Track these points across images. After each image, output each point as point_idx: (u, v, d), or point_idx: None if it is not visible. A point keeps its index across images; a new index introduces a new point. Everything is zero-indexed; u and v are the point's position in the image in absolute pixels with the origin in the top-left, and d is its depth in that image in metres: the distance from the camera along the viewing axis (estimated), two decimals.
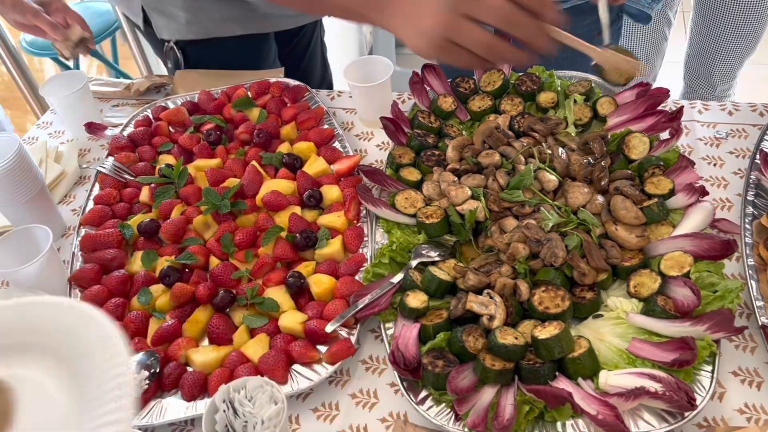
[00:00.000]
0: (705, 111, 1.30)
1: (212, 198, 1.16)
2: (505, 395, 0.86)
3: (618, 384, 0.84)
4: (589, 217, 1.03)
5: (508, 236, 1.03)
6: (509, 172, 1.13)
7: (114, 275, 1.10)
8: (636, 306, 0.94)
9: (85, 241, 1.16)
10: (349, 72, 1.34)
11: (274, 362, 0.94)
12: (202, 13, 1.46)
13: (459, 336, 0.91)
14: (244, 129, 1.34)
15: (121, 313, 1.05)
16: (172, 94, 1.54)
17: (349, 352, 0.95)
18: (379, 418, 0.92)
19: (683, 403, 0.80)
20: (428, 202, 1.14)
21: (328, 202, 1.19)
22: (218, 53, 1.55)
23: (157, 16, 1.48)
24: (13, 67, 2.86)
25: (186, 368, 0.98)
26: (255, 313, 1.03)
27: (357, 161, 1.24)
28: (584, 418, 0.83)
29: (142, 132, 1.38)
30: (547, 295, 0.95)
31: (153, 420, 0.92)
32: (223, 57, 1.56)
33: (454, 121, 1.31)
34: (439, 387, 0.88)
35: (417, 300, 0.98)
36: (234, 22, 1.49)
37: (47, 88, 1.40)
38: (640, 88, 1.24)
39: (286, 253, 1.10)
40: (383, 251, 1.06)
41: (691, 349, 0.82)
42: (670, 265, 0.96)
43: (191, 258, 1.10)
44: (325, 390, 0.96)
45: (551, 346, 0.87)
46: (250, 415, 0.78)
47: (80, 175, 1.39)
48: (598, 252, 0.99)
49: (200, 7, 1.45)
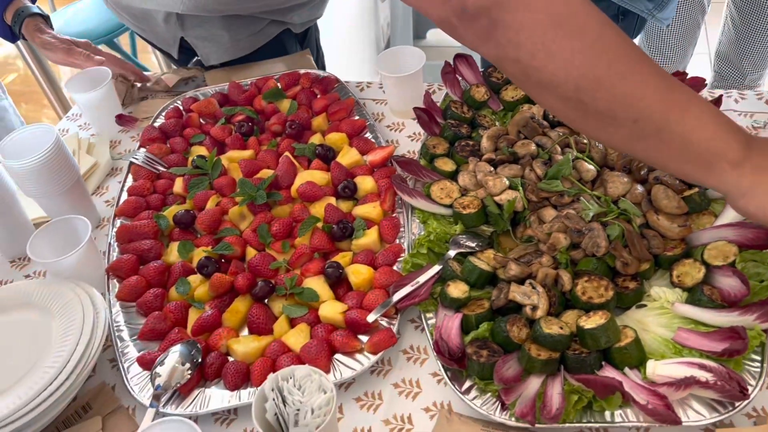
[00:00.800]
0: (741, 100, 1.29)
1: (248, 189, 1.16)
2: (551, 385, 0.86)
3: (666, 374, 0.83)
4: (630, 206, 1.02)
5: (548, 226, 1.03)
6: (546, 162, 1.12)
7: (151, 266, 1.10)
8: (680, 296, 0.93)
9: (121, 231, 1.16)
10: (380, 62, 1.34)
11: (317, 352, 0.94)
12: (242, 29, 1.47)
13: (503, 326, 0.91)
14: (275, 120, 1.34)
15: (160, 303, 1.06)
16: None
17: (392, 341, 0.95)
18: (422, 408, 0.92)
19: (735, 393, 0.79)
20: (464, 193, 1.13)
21: (363, 193, 1.19)
22: (256, 56, 1.56)
23: (201, 44, 1.49)
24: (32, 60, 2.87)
25: (227, 358, 0.98)
26: (294, 303, 1.03)
27: (391, 152, 1.23)
28: (633, 407, 0.83)
29: (174, 123, 1.38)
30: (590, 285, 0.94)
31: (197, 409, 0.92)
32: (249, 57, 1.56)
33: (487, 111, 1.30)
34: (484, 377, 0.88)
35: (458, 290, 0.97)
36: (268, 29, 1.51)
37: (72, 85, 1.40)
38: (677, 77, 1.22)
39: (323, 244, 1.09)
40: (421, 241, 1.06)
41: (743, 339, 0.82)
42: (714, 254, 0.95)
43: (228, 248, 1.10)
44: (368, 379, 0.96)
45: (597, 336, 0.86)
46: (300, 404, 0.78)
47: (112, 167, 1.39)
48: (641, 241, 0.98)
49: (238, 24, 1.46)
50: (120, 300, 1.08)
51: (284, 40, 1.59)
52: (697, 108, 0.77)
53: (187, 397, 0.94)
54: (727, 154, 0.77)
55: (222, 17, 1.45)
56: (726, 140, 0.77)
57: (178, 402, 0.93)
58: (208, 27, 1.46)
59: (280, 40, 1.58)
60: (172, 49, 1.54)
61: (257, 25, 1.49)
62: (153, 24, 1.51)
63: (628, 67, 0.77)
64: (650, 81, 0.77)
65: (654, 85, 0.77)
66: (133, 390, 0.95)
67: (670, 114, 0.77)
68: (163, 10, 1.44)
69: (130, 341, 1.02)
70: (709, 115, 0.78)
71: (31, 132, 1.16)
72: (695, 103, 0.78)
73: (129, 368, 0.98)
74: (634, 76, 0.76)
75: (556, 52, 0.76)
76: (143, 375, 0.97)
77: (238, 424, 0.93)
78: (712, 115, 0.78)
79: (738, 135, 0.78)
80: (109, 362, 1.04)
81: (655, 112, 0.77)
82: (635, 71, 0.77)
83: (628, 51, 0.77)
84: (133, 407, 0.97)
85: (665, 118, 0.77)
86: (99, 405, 0.98)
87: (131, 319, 1.06)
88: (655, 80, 0.77)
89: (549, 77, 0.77)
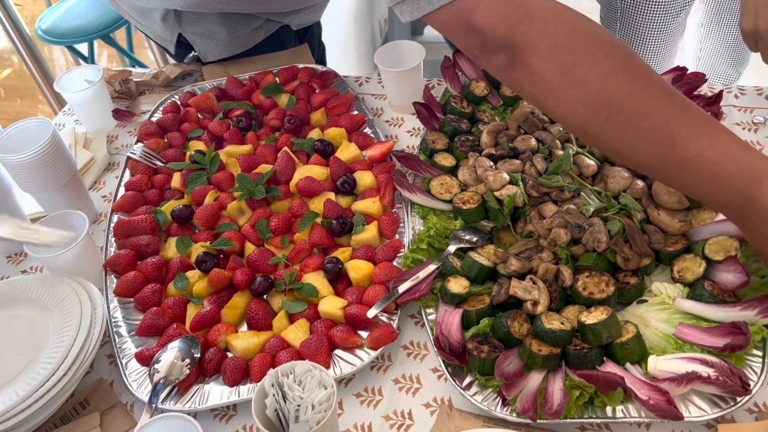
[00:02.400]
0: (741, 96, 1.28)
1: (246, 184, 1.15)
2: (552, 380, 0.85)
3: (668, 369, 0.83)
4: (630, 201, 1.02)
5: (548, 221, 1.02)
6: (546, 157, 1.12)
7: (149, 261, 1.09)
8: (681, 291, 0.93)
9: (118, 227, 1.15)
10: (379, 57, 1.33)
11: (317, 347, 0.93)
12: (240, 25, 1.46)
13: (504, 321, 0.91)
14: (274, 115, 1.33)
15: (158, 298, 1.05)
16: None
17: (392, 337, 0.95)
18: (423, 404, 0.91)
19: (737, 388, 0.79)
20: (464, 188, 1.13)
21: (362, 188, 1.18)
22: (253, 51, 1.55)
23: (199, 41, 1.48)
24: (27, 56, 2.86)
25: (226, 354, 0.98)
26: (294, 299, 1.02)
27: (390, 147, 1.23)
28: (634, 403, 0.83)
29: (171, 118, 1.37)
30: (591, 281, 0.94)
31: (196, 406, 0.91)
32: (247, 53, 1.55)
33: (487, 107, 1.30)
34: (485, 372, 0.88)
35: (459, 285, 0.97)
36: (266, 25, 1.50)
37: (62, 83, 1.39)
38: (676, 73, 1.22)
39: (323, 239, 1.09)
40: (421, 237, 1.06)
41: (744, 334, 0.82)
42: (715, 249, 0.95)
43: (227, 244, 1.09)
44: (368, 375, 0.95)
45: (599, 332, 0.86)
46: (301, 400, 0.77)
47: (109, 162, 1.38)
48: (642, 237, 0.98)
49: (236, 20, 1.45)
50: (118, 295, 1.07)
51: (283, 36, 1.58)
52: (696, 170, 0.79)
53: (185, 393, 0.93)
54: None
55: (220, 14, 1.44)
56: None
57: (176, 398, 0.93)
58: (205, 23, 1.46)
59: (279, 36, 1.57)
60: (169, 45, 1.53)
61: (255, 22, 1.49)
62: (150, 20, 1.50)
63: (628, 122, 0.79)
64: (649, 137, 0.79)
65: (653, 140, 0.79)
66: (132, 386, 0.95)
67: (665, 171, 0.82)
68: (162, 6, 1.43)
69: (128, 337, 1.01)
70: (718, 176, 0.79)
71: (28, 126, 1.15)
72: (693, 159, 0.79)
73: (127, 364, 0.98)
74: (632, 131, 0.80)
75: (562, 99, 0.81)
76: (141, 371, 0.96)
77: (238, 420, 0.93)
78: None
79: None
80: (107, 358, 1.03)
81: (648, 167, 0.83)
82: (634, 126, 0.79)
83: (631, 103, 0.79)
84: (132, 403, 0.97)
85: (659, 174, 0.84)
86: (97, 401, 0.97)
87: (129, 315, 1.05)
88: (655, 135, 0.79)
89: (559, 117, 0.85)
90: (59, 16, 2.83)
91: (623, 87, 0.79)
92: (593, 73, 0.79)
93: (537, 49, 0.80)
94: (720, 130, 0.79)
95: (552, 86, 0.81)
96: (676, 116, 0.79)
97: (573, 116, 0.82)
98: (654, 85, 0.80)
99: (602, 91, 0.79)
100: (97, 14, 2.79)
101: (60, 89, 1.37)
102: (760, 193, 0.77)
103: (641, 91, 0.79)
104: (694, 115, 0.79)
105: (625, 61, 0.80)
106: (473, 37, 0.83)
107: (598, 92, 0.79)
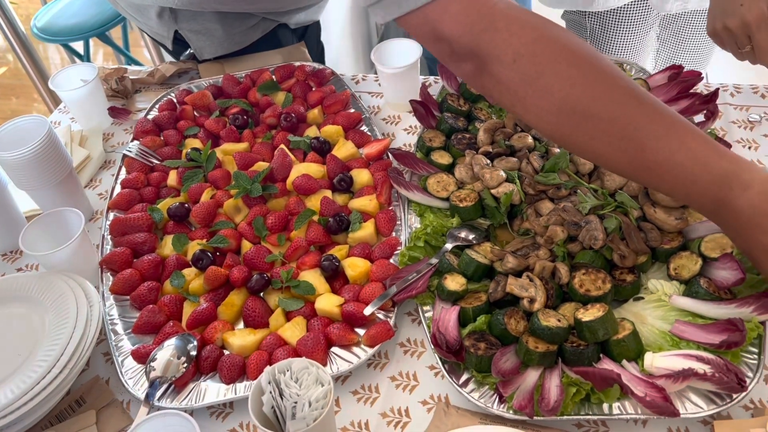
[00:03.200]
0: (737, 94, 1.29)
1: (243, 182, 1.15)
2: (549, 377, 0.85)
3: (665, 366, 0.83)
4: (627, 199, 1.02)
5: (545, 219, 1.03)
6: (543, 154, 1.12)
7: (145, 259, 1.09)
8: (678, 288, 0.93)
9: (114, 224, 1.15)
10: (376, 55, 1.33)
11: (313, 345, 0.93)
12: (236, 23, 1.45)
13: (500, 319, 0.91)
14: (270, 113, 1.33)
15: (154, 296, 1.05)
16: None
17: (389, 335, 0.95)
18: (419, 401, 0.91)
19: (733, 385, 0.79)
20: (460, 186, 1.13)
21: (359, 186, 1.18)
22: (248, 50, 1.54)
23: (195, 38, 1.47)
24: (23, 54, 2.85)
25: (223, 351, 0.97)
26: (290, 296, 1.02)
27: (387, 144, 1.22)
28: (631, 399, 0.83)
29: (167, 116, 1.37)
30: (588, 278, 0.94)
31: (192, 403, 0.91)
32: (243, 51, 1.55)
33: (483, 104, 1.30)
34: (482, 369, 0.88)
35: (455, 283, 0.97)
36: (263, 23, 1.50)
37: (57, 81, 1.38)
38: (672, 71, 1.22)
39: (319, 237, 1.09)
40: (418, 234, 1.06)
41: (740, 331, 0.82)
42: (711, 246, 0.95)
43: (223, 241, 1.09)
44: (364, 373, 0.95)
45: (595, 329, 0.86)
46: (297, 397, 0.77)
47: (105, 159, 1.38)
48: (638, 234, 0.98)
49: (232, 18, 1.45)
50: (114, 293, 1.07)
51: (280, 35, 1.58)
52: (666, 174, 0.79)
53: (182, 390, 0.93)
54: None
55: (216, 12, 1.44)
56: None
57: (173, 396, 0.92)
58: (201, 21, 1.45)
59: (275, 35, 1.57)
60: (166, 41, 1.53)
61: (252, 20, 1.48)
62: (147, 16, 1.50)
63: (597, 129, 0.80)
64: (618, 142, 0.80)
65: (622, 146, 0.80)
66: (128, 384, 0.94)
67: (638, 174, 0.83)
68: (158, 4, 1.43)
69: (124, 335, 1.01)
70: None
71: (23, 124, 1.15)
72: (661, 163, 0.79)
73: (123, 362, 0.97)
74: (601, 137, 0.80)
75: (530, 108, 0.82)
76: (138, 369, 0.96)
77: (234, 417, 0.93)
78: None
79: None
80: (103, 356, 1.03)
81: (621, 171, 0.85)
82: (603, 132, 0.80)
83: (597, 109, 0.79)
84: (128, 401, 0.96)
85: (634, 177, 0.86)
86: (93, 399, 0.96)
87: (125, 313, 1.05)
88: (624, 140, 0.79)
89: (529, 123, 0.85)
90: (55, 14, 2.82)
91: (587, 94, 0.79)
92: (557, 82, 0.79)
93: (502, 60, 0.80)
94: (689, 132, 0.78)
95: (519, 96, 0.82)
96: (643, 120, 0.78)
97: (543, 124, 0.83)
98: (620, 89, 0.79)
99: (567, 100, 0.79)
100: (92, 12, 2.79)
101: (54, 87, 1.36)
102: (732, 196, 0.77)
103: (606, 96, 0.79)
104: (662, 117, 0.79)
105: (589, 67, 0.80)
106: (442, 44, 0.84)
107: (563, 101, 0.79)
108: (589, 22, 1.59)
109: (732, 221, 0.79)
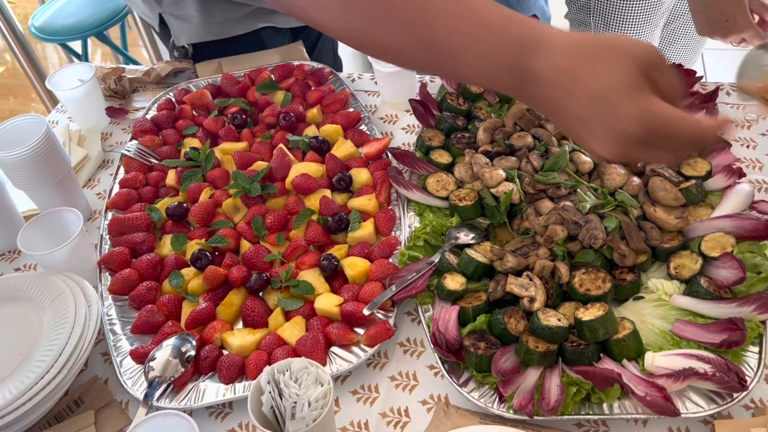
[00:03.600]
0: (733, 93, 1.29)
1: (242, 181, 1.15)
2: (549, 377, 0.85)
3: (665, 365, 0.83)
4: (627, 198, 1.02)
5: (545, 218, 1.02)
6: (542, 154, 1.12)
7: (144, 258, 1.09)
8: (678, 287, 0.93)
9: (113, 224, 1.15)
10: None
11: (313, 344, 0.93)
12: (218, 13, 1.44)
13: (500, 318, 0.90)
14: (269, 112, 1.33)
15: (153, 296, 1.04)
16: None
17: (388, 334, 0.94)
18: (419, 401, 0.91)
19: (734, 384, 0.79)
20: (460, 185, 1.13)
21: (358, 186, 1.18)
22: (233, 48, 1.53)
23: (174, 22, 1.47)
24: (20, 53, 2.84)
25: (222, 351, 0.97)
26: (289, 296, 1.02)
27: (386, 144, 1.22)
28: (631, 399, 0.83)
29: (166, 115, 1.37)
30: (588, 277, 0.94)
31: (191, 403, 0.91)
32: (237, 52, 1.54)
33: (483, 103, 1.30)
34: (482, 369, 0.87)
35: (455, 282, 0.97)
36: (248, 20, 1.48)
37: (54, 80, 1.37)
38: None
39: (319, 236, 1.08)
40: (417, 234, 1.05)
41: (741, 330, 0.82)
42: (711, 246, 0.95)
43: (222, 241, 1.09)
44: (364, 372, 0.95)
45: (596, 328, 0.86)
46: (297, 397, 0.77)
47: (104, 159, 1.37)
48: (638, 233, 0.98)
49: (213, 7, 1.44)
50: (112, 293, 1.06)
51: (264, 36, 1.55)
52: (459, 52, 0.73)
53: (181, 390, 0.93)
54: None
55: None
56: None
57: (172, 396, 0.92)
58: (182, 6, 1.43)
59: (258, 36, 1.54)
60: (153, 22, 1.52)
61: (236, 13, 1.46)
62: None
63: (382, 18, 0.75)
64: (407, 30, 0.74)
65: (410, 33, 0.74)
66: (126, 384, 0.94)
67: (427, 59, 0.76)
68: None
69: (122, 335, 1.01)
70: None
71: (21, 123, 1.14)
72: (449, 39, 0.72)
73: (122, 362, 0.97)
74: (390, 24, 0.75)
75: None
76: (136, 369, 0.96)
77: (234, 417, 0.92)
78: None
79: None
80: (101, 356, 1.02)
81: (412, 61, 0.79)
82: (390, 19, 0.74)
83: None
84: (127, 401, 0.96)
85: (424, 66, 0.78)
86: (91, 399, 0.96)
87: (124, 313, 1.04)
88: (411, 28, 0.73)
89: (315, 21, 0.80)
90: (52, 13, 2.81)
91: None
92: None
93: None
94: (480, 2, 0.72)
95: None
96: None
97: (330, 20, 0.79)
98: None
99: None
100: (90, 12, 2.78)
101: (51, 87, 1.36)
102: (532, 61, 0.69)
103: None
104: None
105: None
106: None
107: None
108: (594, 21, 1.59)
109: (535, 90, 0.71)
